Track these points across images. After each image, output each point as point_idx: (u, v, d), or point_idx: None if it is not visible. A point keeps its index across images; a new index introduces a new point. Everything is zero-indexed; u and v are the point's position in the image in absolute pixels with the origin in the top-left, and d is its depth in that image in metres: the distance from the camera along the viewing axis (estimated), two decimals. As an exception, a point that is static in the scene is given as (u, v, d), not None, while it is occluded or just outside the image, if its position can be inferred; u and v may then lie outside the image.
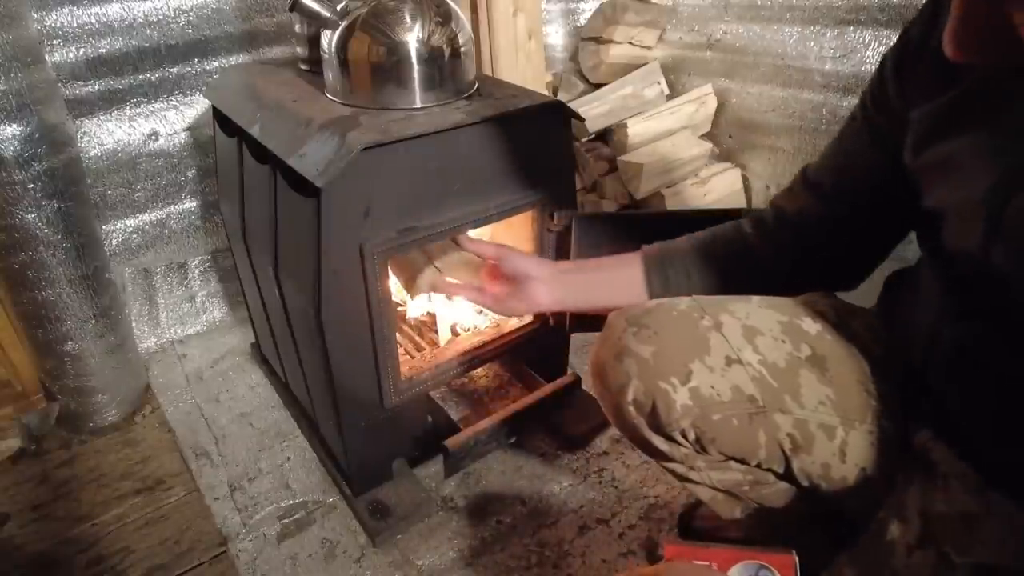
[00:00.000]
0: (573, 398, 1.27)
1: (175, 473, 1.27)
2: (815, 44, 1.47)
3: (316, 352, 1.02)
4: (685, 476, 0.77)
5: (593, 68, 1.85)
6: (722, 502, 0.80)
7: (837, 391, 0.69)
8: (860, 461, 0.69)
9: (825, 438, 0.69)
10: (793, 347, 0.71)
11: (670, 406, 0.68)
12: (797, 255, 0.79)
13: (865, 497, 0.69)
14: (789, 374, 0.69)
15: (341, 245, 0.93)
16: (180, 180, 1.52)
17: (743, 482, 0.76)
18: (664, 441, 0.72)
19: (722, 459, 0.73)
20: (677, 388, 0.68)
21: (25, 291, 1.21)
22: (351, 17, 0.96)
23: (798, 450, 0.69)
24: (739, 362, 0.69)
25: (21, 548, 1.13)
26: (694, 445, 0.71)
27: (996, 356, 0.58)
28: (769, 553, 0.57)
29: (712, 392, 0.68)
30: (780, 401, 0.69)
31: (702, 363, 0.68)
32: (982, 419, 0.61)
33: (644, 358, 0.69)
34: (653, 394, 0.68)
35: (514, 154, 1.04)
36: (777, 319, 0.72)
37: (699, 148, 1.75)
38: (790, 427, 0.69)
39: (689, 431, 0.69)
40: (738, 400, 0.68)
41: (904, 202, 0.68)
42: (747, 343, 0.70)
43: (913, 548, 0.59)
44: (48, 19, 1.27)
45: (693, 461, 0.74)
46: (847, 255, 0.78)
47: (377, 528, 1.10)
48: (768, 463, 0.71)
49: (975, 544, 0.56)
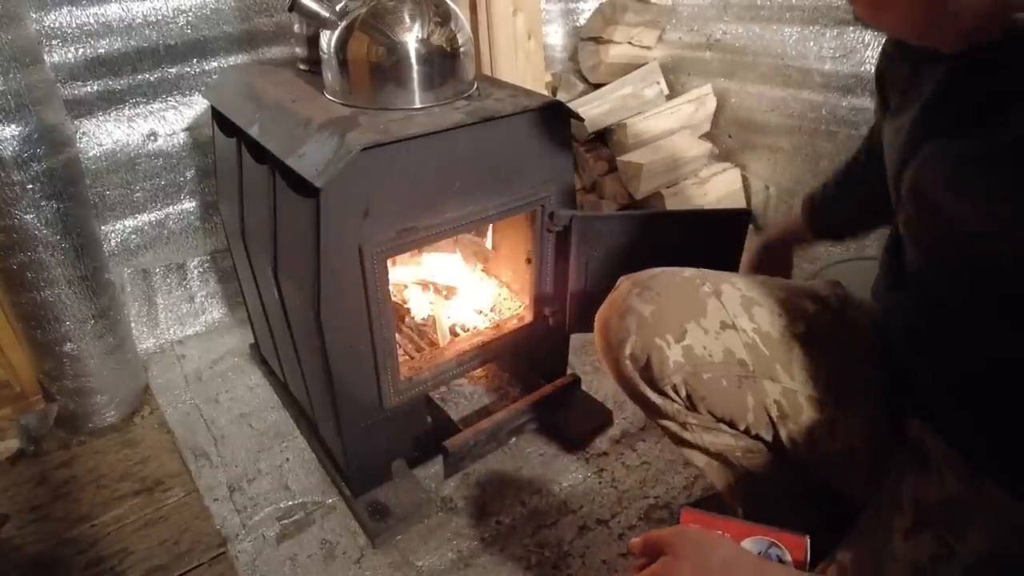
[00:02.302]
0: (573, 398, 1.27)
1: (174, 474, 1.26)
2: (815, 44, 1.47)
3: (315, 353, 1.02)
4: (679, 436, 0.81)
5: (592, 68, 1.85)
6: (716, 469, 0.83)
7: (829, 370, 0.72)
8: (847, 439, 0.71)
9: (813, 411, 0.72)
10: (789, 322, 0.74)
11: (663, 361, 0.72)
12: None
13: (853, 475, 0.72)
14: (782, 346, 0.73)
15: (340, 245, 0.92)
16: (179, 180, 1.52)
17: (735, 447, 0.79)
18: (657, 395, 0.76)
19: (712, 420, 0.76)
20: (671, 345, 0.72)
21: (24, 292, 1.21)
22: (350, 17, 0.95)
23: (785, 418, 0.72)
24: (733, 328, 0.73)
25: (20, 549, 1.13)
26: (685, 401, 0.75)
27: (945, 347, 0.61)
28: (783, 533, 0.57)
29: (704, 352, 0.72)
30: (770, 369, 0.72)
31: (697, 324, 0.72)
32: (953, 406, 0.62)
33: (644, 316, 0.73)
34: (648, 349, 0.73)
35: (513, 154, 1.04)
36: (778, 296, 0.76)
37: (699, 148, 1.75)
38: (778, 395, 0.72)
39: (680, 387, 0.73)
40: (729, 363, 0.72)
41: None
42: (744, 312, 0.74)
43: (908, 534, 0.61)
44: (47, 19, 1.27)
45: (685, 418, 0.77)
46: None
47: (376, 529, 1.10)
48: (756, 428, 0.74)
49: (968, 530, 0.57)
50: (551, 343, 1.29)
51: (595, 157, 1.80)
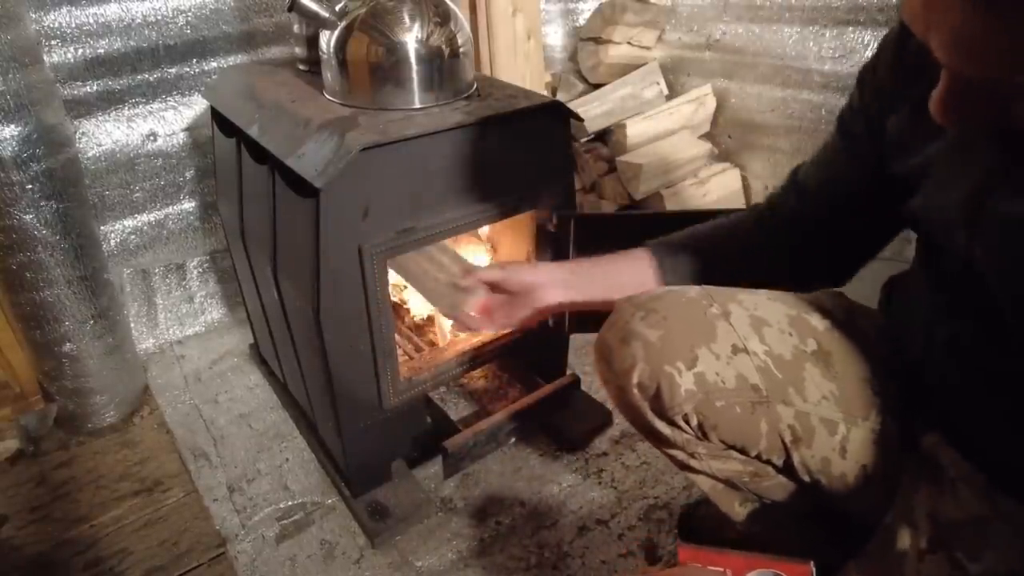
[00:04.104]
0: (572, 399, 1.27)
1: (173, 474, 1.26)
2: (814, 44, 1.47)
3: (315, 353, 1.02)
4: (686, 464, 0.77)
5: (592, 68, 1.85)
6: (722, 493, 0.80)
7: (841, 387, 0.70)
8: (861, 458, 0.69)
9: (826, 432, 0.69)
10: (799, 340, 0.71)
11: (674, 390, 0.68)
12: (783, 249, 0.81)
13: (866, 495, 0.70)
14: (794, 367, 0.70)
15: (340, 245, 0.92)
16: (178, 181, 1.52)
17: (743, 472, 0.76)
18: (666, 425, 0.72)
19: (723, 448, 0.73)
20: (682, 372, 0.68)
21: (23, 292, 1.21)
22: (350, 17, 0.95)
23: (798, 442, 0.69)
24: (745, 351, 0.69)
25: (19, 549, 1.12)
26: (696, 431, 0.71)
27: (986, 354, 0.58)
28: (785, 562, 0.56)
29: (717, 379, 0.68)
30: (783, 392, 0.69)
31: (708, 350, 0.68)
32: (980, 419, 0.60)
33: (651, 342, 0.69)
34: (658, 377, 0.68)
35: (513, 155, 1.04)
36: (785, 312, 0.73)
37: (698, 148, 1.75)
38: (791, 419, 0.69)
39: (692, 416, 0.69)
40: (742, 388, 0.68)
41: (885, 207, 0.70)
42: (754, 333, 0.70)
43: (924, 553, 0.59)
44: (46, 19, 1.27)
45: (694, 448, 0.74)
46: (828, 254, 0.80)
47: (376, 529, 1.10)
48: (768, 454, 0.71)
49: (985, 549, 0.56)
50: (551, 344, 1.29)
51: (595, 157, 1.80)
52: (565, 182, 1.13)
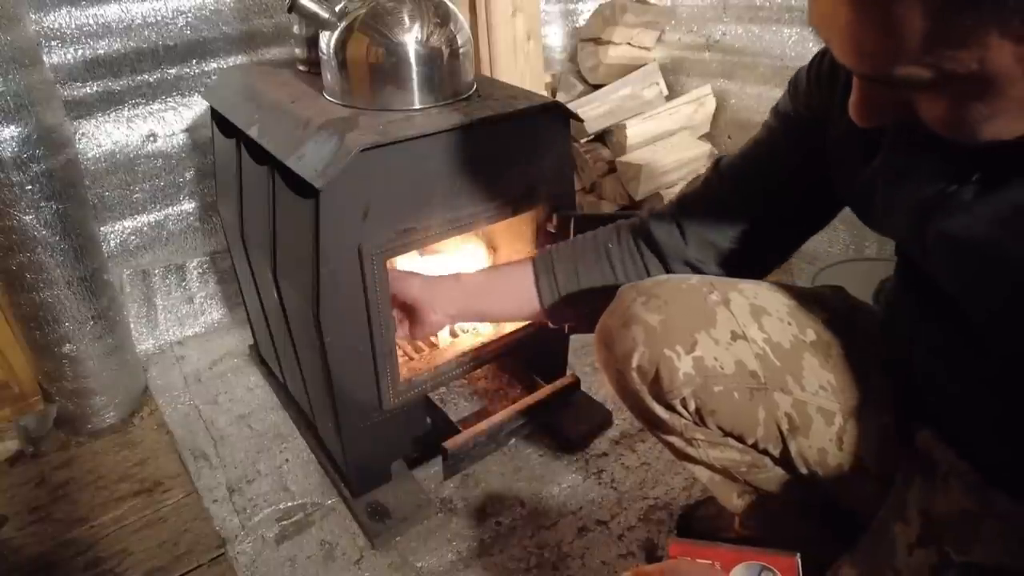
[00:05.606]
0: (572, 399, 1.27)
1: (173, 475, 1.26)
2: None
3: (315, 353, 1.02)
4: (684, 452, 0.78)
5: (592, 69, 1.85)
6: (720, 484, 0.81)
7: (838, 379, 0.70)
8: (857, 450, 0.69)
9: (823, 422, 0.70)
10: (799, 330, 0.72)
11: (673, 374, 0.68)
12: (695, 244, 0.82)
13: (861, 488, 0.70)
14: (793, 355, 0.70)
15: (340, 246, 0.92)
16: (178, 181, 1.52)
17: (740, 463, 0.76)
18: (664, 410, 0.73)
19: (720, 435, 0.73)
20: (681, 356, 0.68)
21: (23, 293, 1.21)
22: (349, 18, 0.95)
23: (795, 431, 0.70)
24: (744, 338, 0.70)
25: (19, 550, 1.12)
26: (693, 416, 0.72)
27: (964, 356, 0.59)
28: (773, 555, 0.56)
29: (715, 364, 0.68)
30: (782, 380, 0.69)
31: (708, 335, 0.69)
32: (967, 417, 0.61)
33: (651, 326, 0.70)
34: (657, 361, 0.69)
35: (513, 155, 1.04)
36: (785, 302, 0.74)
37: (698, 149, 1.75)
38: (789, 407, 0.69)
39: (690, 401, 0.70)
40: (740, 374, 0.69)
41: (814, 200, 0.73)
42: (753, 321, 0.71)
43: (914, 547, 0.59)
44: (46, 20, 1.27)
45: (692, 433, 0.75)
46: (753, 246, 0.81)
47: (376, 530, 1.10)
48: (765, 443, 0.72)
49: (975, 544, 0.56)
50: (550, 344, 1.29)
51: (594, 158, 1.80)
52: (565, 182, 1.13)
